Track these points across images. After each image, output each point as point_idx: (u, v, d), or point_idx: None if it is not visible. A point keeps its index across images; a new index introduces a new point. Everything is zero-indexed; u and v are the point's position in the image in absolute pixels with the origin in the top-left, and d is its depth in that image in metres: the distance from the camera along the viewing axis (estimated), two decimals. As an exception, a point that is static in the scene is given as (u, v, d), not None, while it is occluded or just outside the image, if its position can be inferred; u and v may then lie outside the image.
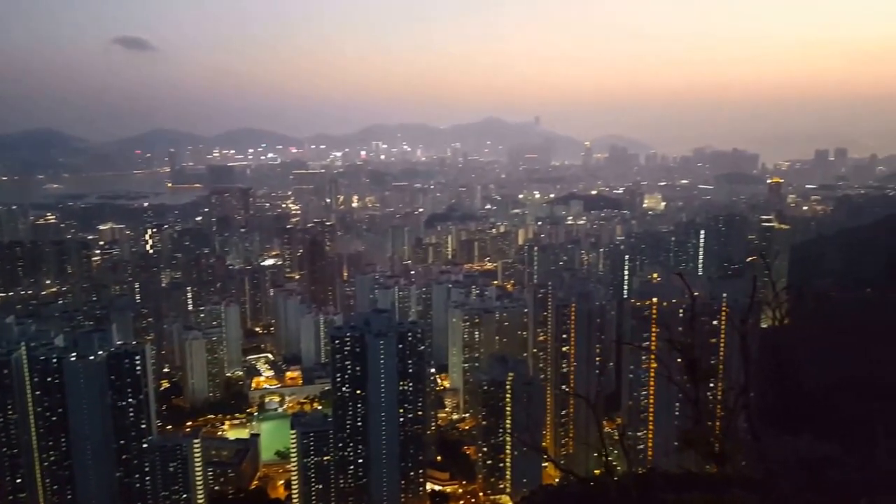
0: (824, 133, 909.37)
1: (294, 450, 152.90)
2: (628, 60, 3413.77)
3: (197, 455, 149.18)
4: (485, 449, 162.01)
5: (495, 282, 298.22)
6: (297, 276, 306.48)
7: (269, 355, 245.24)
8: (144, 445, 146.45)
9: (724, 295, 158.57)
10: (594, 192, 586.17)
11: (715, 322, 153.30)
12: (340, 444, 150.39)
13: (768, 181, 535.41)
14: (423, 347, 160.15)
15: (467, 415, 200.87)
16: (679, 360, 13.05)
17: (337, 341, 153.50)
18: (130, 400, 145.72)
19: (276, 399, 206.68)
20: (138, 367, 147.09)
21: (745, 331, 13.83)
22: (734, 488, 12.60)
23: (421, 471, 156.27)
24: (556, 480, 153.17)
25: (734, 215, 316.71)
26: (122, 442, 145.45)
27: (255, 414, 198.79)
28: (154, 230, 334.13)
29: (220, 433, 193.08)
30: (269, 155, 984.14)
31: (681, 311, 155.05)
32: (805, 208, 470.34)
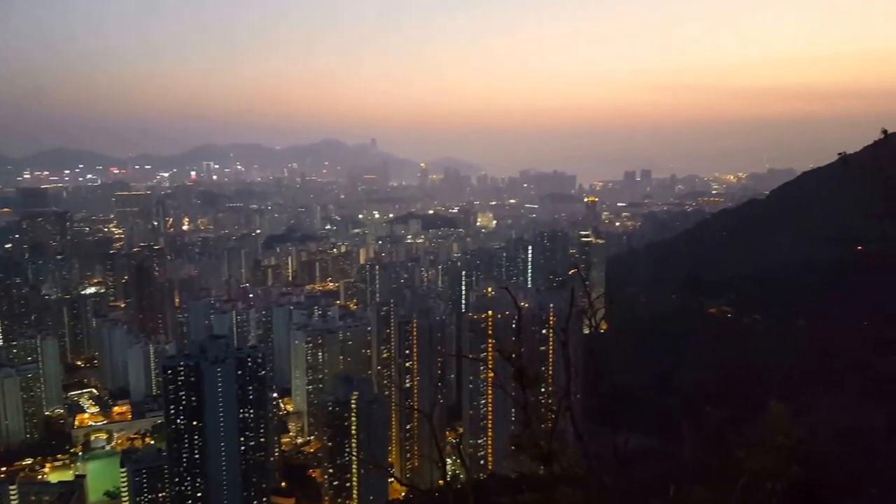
0: (631, 156, 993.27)
1: (125, 489, 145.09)
2: (458, 86, 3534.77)
3: (14, 501, 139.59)
4: (331, 470, 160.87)
5: (338, 302, 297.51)
6: (123, 305, 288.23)
7: (94, 390, 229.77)
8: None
9: (551, 305, 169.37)
10: (431, 212, 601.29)
11: (544, 331, 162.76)
12: (177, 479, 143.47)
13: (585, 200, 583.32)
14: (264, 372, 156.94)
15: (312, 437, 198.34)
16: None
17: (169, 371, 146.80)
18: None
19: (103, 436, 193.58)
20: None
21: (565, 338, 14.39)
22: (562, 486, 13.10)
23: (265, 499, 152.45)
24: (402, 495, 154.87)
25: (557, 232, 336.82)
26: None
27: (80, 454, 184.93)
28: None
29: (40, 476, 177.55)
30: (88, 176, 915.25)
31: (514, 322, 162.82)
32: (617, 224, 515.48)
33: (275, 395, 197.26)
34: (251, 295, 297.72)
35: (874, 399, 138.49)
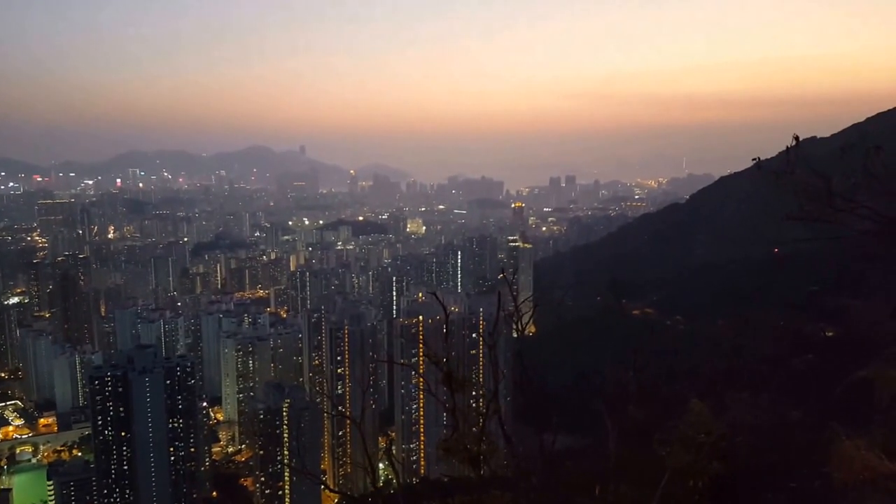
0: (557, 162, 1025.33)
1: (53, 502, 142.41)
2: (387, 92, 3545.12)
3: None
4: (262, 479, 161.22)
5: (268, 309, 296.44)
6: (48, 315, 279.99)
7: (19, 402, 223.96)
8: None
9: (481, 309, 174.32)
10: (361, 218, 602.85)
11: (474, 335, 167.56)
12: (105, 491, 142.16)
13: (512, 206, 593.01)
14: (193, 381, 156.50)
15: (243, 446, 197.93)
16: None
17: (96, 382, 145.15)
18: None
19: (29, 449, 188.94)
20: None
21: (493, 342, 14.99)
22: (492, 488, 13.51)
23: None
24: (335, 502, 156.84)
25: (485, 237, 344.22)
26: None
27: (5, 467, 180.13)
28: None
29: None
30: (10, 184, 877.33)
31: (443, 327, 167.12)
32: (544, 229, 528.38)
33: (205, 404, 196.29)
34: (179, 303, 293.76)
35: (791, 396, 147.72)
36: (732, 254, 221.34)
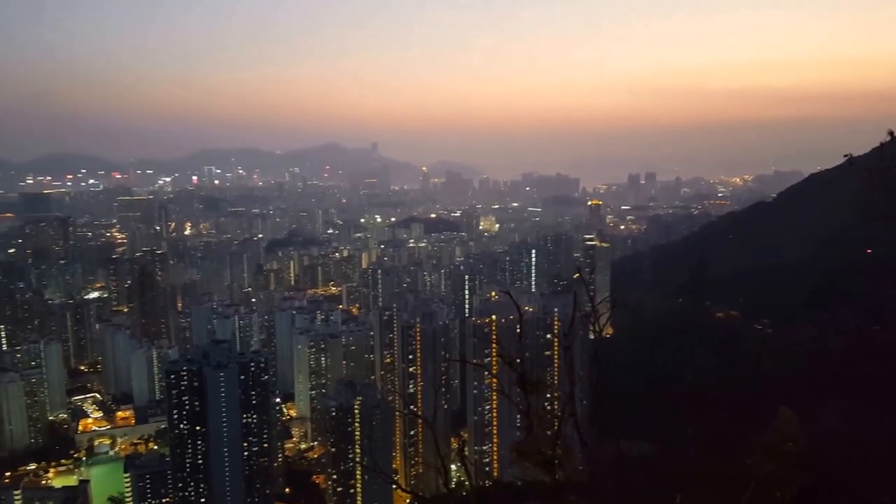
0: (635, 159, 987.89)
1: (129, 494, 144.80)
2: (459, 89, 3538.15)
3: None
4: (334, 476, 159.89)
5: (340, 306, 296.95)
6: (126, 309, 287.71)
7: (97, 395, 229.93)
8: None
9: (555, 310, 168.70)
10: (433, 216, 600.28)
11: (548, 335, 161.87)
12: (180, 485, 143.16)
13: (589, 203, 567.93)
14: (266, 377, 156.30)
15: (315, 443, 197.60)
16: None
17: (172, 376, 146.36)
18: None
19: (107, 441, 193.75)
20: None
21: (569, 343, 14.65)
22: (567, 493, 12.99)
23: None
24: (407, 502, 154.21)
25: (560, 235, 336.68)
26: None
27: (84, 459, 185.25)
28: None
29: (44, 482, 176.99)
30: (91, 181, 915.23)
31: (517, 327, 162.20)
32: (622, 227, 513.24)
33: (277, 400, 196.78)
34: (253, 300, 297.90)
35: (881, 405, 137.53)
36: (821, 254, 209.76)
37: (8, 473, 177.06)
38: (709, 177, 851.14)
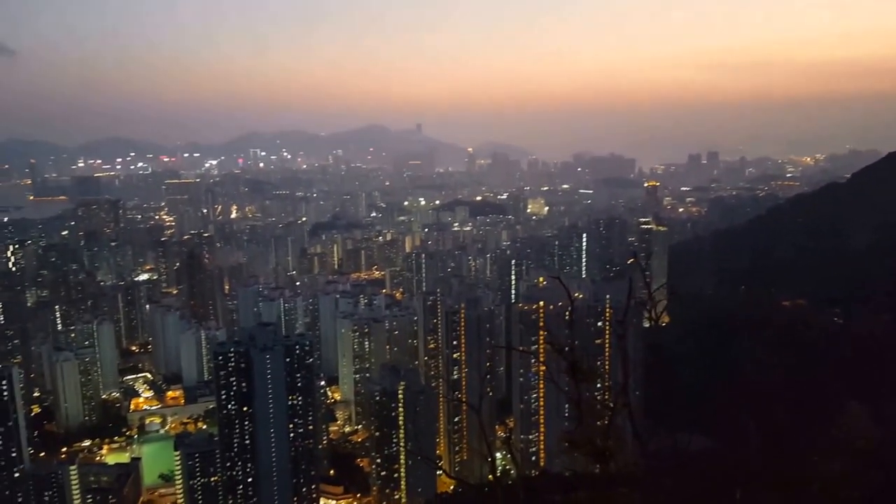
0: (695, 137, 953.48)
1: (179, 472, 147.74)
2: (505, 68, 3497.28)
3: (74, 482, 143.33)
4: (378, 460, 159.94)
5: (384, 290, 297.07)
6: (175, 291, 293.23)
7: (148, 375, 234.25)
8: (16, 475, 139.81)
9: (608, 297, 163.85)
10: (479, 199, 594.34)
11: (599, 323, 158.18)
12: (228, 464, 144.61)
13: (645, 185, 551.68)
14: (311, 360, 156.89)
15: (359, 426, 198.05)
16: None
17: (220, 357, 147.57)
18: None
19: (158, 420, 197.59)
20: (5, 392, 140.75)
21: (623, 331, 14.60)
22: (618, 486, 12.68)
23: (314, 486, 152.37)
24: (451, 489, 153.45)
25: (614, 218, 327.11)
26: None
27: (136, 437, 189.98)
28: (16, 246, 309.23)
29: (98, 458, 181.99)
30: (139, 164, 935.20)
31: (567, 314, 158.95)
32: (681, 210, 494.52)
33: (322, 383, 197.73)
34: (298, 283, 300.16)
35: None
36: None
37: (64, 449, 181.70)
38: (776, 156, 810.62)
